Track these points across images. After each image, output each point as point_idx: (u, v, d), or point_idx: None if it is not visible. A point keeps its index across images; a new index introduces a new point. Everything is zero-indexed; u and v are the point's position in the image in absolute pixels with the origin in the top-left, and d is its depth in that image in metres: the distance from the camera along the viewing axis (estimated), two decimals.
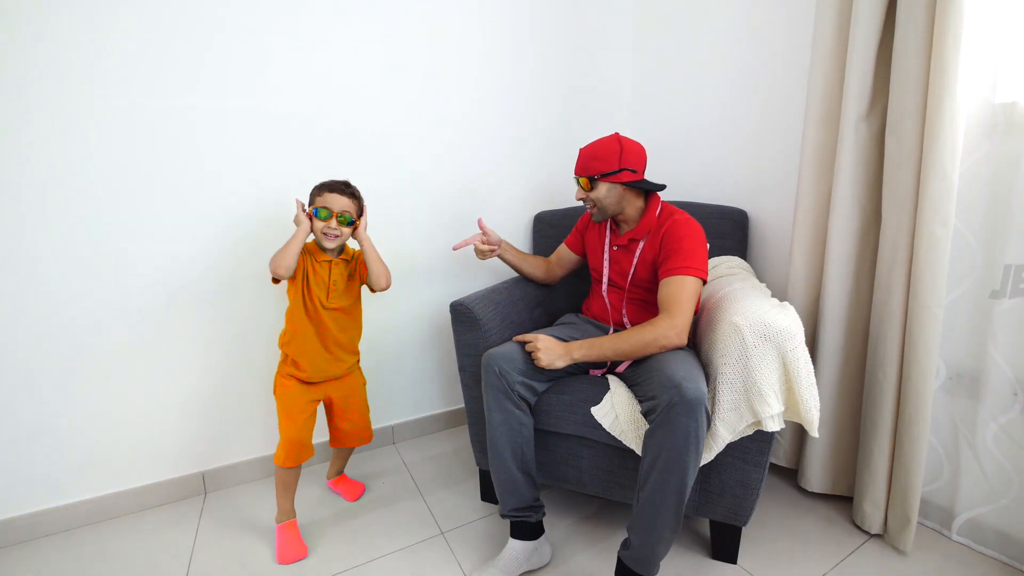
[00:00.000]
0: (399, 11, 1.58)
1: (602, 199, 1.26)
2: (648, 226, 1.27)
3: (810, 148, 1.32)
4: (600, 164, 1.24)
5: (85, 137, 1.26)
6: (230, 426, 1.55)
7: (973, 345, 1.19)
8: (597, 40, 1.98)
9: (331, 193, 1.27)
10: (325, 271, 1.30)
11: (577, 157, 1.32)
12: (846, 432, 1.36)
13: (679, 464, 0.99)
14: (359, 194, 1.33)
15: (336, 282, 1.31)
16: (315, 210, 1.26)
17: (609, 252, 1.35)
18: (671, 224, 1.23)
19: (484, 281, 1.88)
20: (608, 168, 1.23)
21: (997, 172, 1.13)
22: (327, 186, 1.28)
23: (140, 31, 1.28)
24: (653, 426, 1.02)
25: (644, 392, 1.10)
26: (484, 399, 1.19)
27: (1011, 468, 1.16)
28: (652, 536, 1.03)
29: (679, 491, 1.00)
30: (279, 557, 1.25)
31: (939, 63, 1.05)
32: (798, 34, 1.45)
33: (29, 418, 1.30)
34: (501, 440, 1.16)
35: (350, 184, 1.32)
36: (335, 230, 1.27)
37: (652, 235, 1.26)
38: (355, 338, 1.41)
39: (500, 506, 1.21)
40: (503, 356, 1.17)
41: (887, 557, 1.23)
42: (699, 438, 0.99)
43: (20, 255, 1.24)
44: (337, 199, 1.27)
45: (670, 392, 0.99)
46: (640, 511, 1.04)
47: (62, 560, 1.26)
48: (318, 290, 1.29)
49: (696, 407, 0.97)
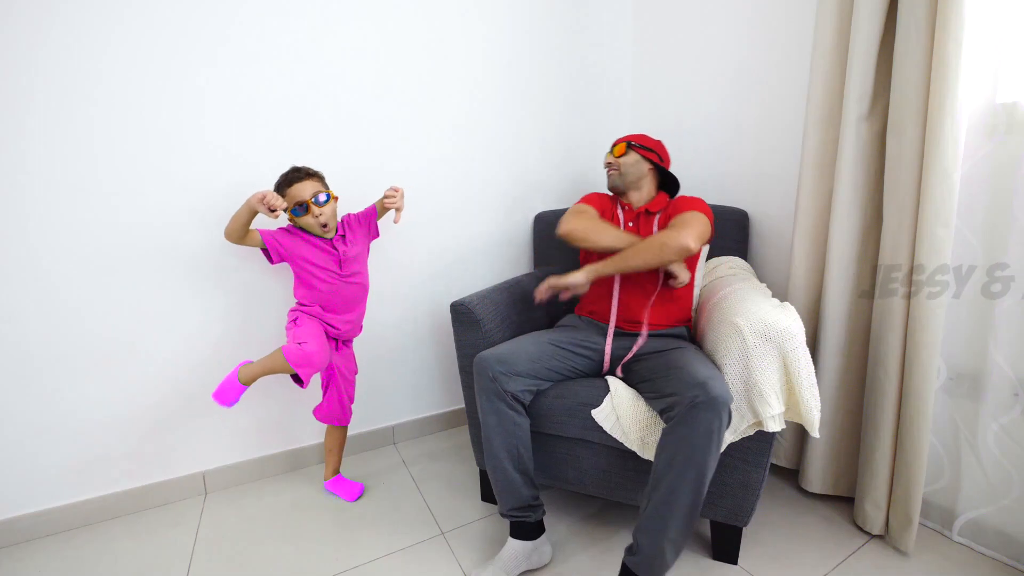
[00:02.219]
0: (398, 9, 1.58)
1: (630, 166, 1.39)
2: (662, 204, 1.40)
3: (811, 148, 1.32)
4: (640, 140, 1.40)
5: (88, 136, 1.26)
6: (230, 426, 1.55)
7: (974, 345, 1.19)
8: (597, 41, 1.98)
9: (292, 186, 1.28)
10: (330, 248, 1.35)
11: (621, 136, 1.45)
12: (847, 432, 1.36)
13: (699, 463, 0.96)
14: (315, 170, 1.34)
15: (346, 251, 1.37)
16: (292, 210, 1.28)
17: (624, 228, 1.40)
18: (681, 199, 1.38)
19: (484, 281, 1.88)
20: (647, 145, 1.40)
21: (998, 172, 1.13)
22: (284, 182, 1.30)
23: (146, 22, 1.28)
24: (672, 424, 0.99)
25: (661, 389, 1.08)
26: (477, 401, 1.18)
27: (1012, 468, 1.16)
28: (663, 538, 0.99)
29: (696, 491, 0.98)
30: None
31: (940, 63, 1.04)
32: (799, 33, 1.45)
33: (30, 418, 1.30)
34: (496, 441, 1.16)
35: (301, 167, 1.33)
36: (322, 215, 1.30)
37: (664, 212, 1.38)
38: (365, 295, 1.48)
39: (499, 506, 1.21)
40: (496, 357, 1.16)
41: (888, 558, 1.23)
42: (721, 439, 0.97)
43: (22, 254, 1.24)
44: (303, 187, 1.28)
45: (694, 390, 0.97)
46: (652, 512, 1.00)
47: (63, 560, 1.26)
48: (328, 269, 1.35)
49: (722, 406, 0.96)
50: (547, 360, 1.22)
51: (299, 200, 1.28)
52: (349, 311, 1.43)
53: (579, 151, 2.01)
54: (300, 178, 1.30)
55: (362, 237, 1.45)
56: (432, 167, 1.72)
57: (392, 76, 1.60)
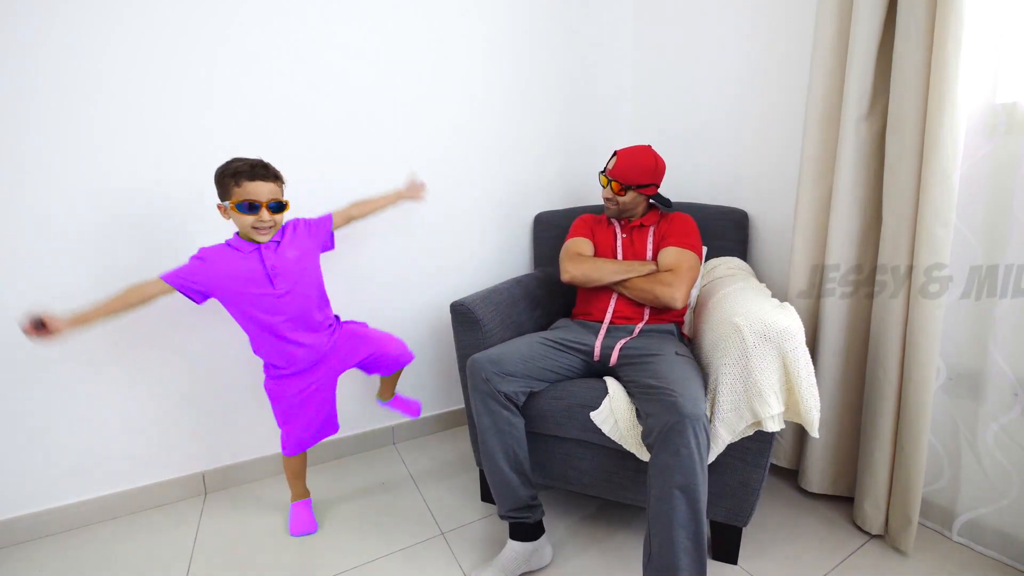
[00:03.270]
0: (398, 9, 1.58)
1: (628, 203, 1.43)
2: (654, 219, 1.47)
3: (810, 148, 1.32)
4: (638, 176, 1.39)
5: (90, 135, 1.26)
6: (230, 426, 1.55)
7: (973, 345, 1.19)
8: (597, 41, 1.98)
9: (253, 182, 1.09)
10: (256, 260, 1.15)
11: (614, 160, 1.43)
12: (846, 433, 1.36)
13: (686, 485, 0.95)
14: (279, 172, 1.17)
15: (275, 265, 1.16)
16: (238, 204, 1.08)
17: (621, 240, 1.47)
18: (672, 216, 1.46)
19: (484, 281, 1.88)
20: (643, 181, 1.40)
21: (998, 172, 1.13)
22: (245, 173, 1.09)
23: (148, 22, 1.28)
24: (653, 454, 1.00)
25: (640, 405, 1.09)
26: (472, 403, 1.19)
27: (1012, 468, 1.16)
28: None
29: (695, 518, 0.96)
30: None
31: (940, 63, 1.04)
32: (799, 33, 1.45)
33: (30, 419, 1.30)
34: (492, 443, 1.16)
35: (268, 164, 1.14)
36: (268, 222, 1.11)
37: (657, 225, 1.45)
38: (324, 306, 1.30)
39: (497, 507, 1.21)
40: (488, 359, 1.17)
41: (888, 558, 1.23)
42: (703, 455, 0.97)
43: (23, 254, 1.24)
44: (261, 187, 1.10)
45: (666, 414, 0.98)
46: (657, 550, 0.98)
47: (63, 560, 1.27)
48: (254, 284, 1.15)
49: (694, 423, 0.96)
50: (539, 359, 1.22)
51: (253, 199, 1.10)
52: (306, 327, 1.24)
53: (579, 152, 2.01)
54: (266, 177, 1.12)
55: (309, 247, 1.26)
56: (432, 167, 1.72)
57: (392, 76, 1.60)
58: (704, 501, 0.97)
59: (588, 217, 1.56)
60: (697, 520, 0.97)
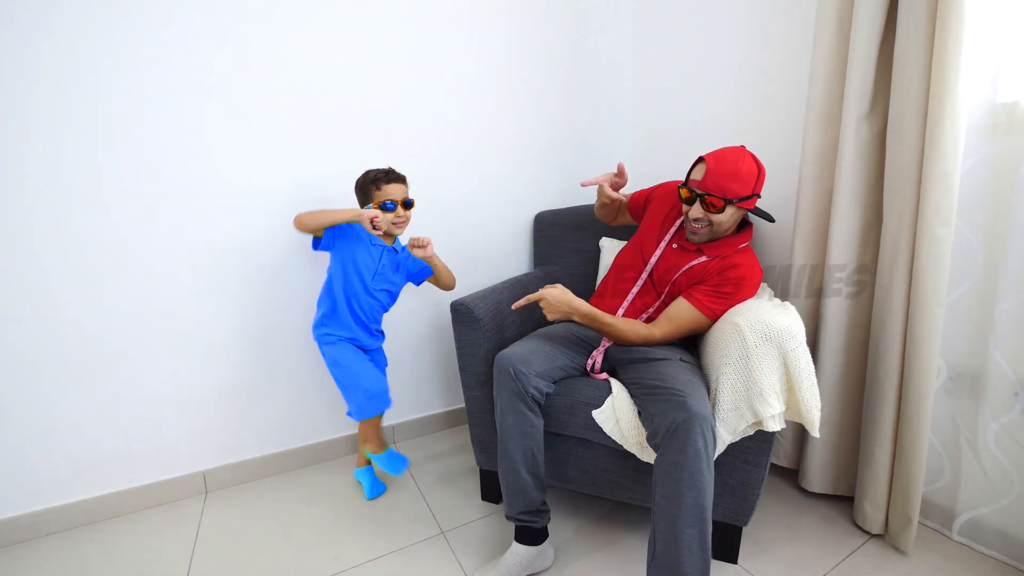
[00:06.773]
0: (398, 8, 1.58)
1: (723, 222, 1.15)
2: (724, 251, 1.20)
3: (811, 148, 1.32)
4: (740, 187, 1.11)
5: (93, 134, 1.26)
6: (231, 426, 1.55)
7: (974, 345, 1.19)
8: (597, 40, 1.98)
9: (389, 184, 1.36)
10: (377, 254, 1.38)
11: (703, 167, 1.14)
12: (847, 432, 1.36)
13: (693, 485, 0.95)
14: (405, 176, 1.41)
15: (385, 266, 1.40)
16: (383, 204, 1.33)
17: (666, 247, 1.28)
18: (739, 260, 1.18)
19: (484, 281, 1.87)
20: (746, 192, 1.11)
21: (999, 171, 1.13)
22: (383, 178, 1.35)
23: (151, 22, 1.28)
24: (660, 453, 0.99)
25: (644, 406, 1.08)
26: (497, 401, 1.17)
27: (1012, 468, 1.16)
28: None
29: (700, 517, 0.95)
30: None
31: (940, 63, 1.04)
32: (799, 33, 1.45)
33: (31, 418, 1.30)
34: (513, 443, 1.15)
35: (393, 170, 1.39)
36: (403, 217, 1.37)
37: (721, 259, 1.20)
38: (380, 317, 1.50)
39: (506, 508, 1.20)
40: (519, 358, 1.15)
41: (888, 557, 1.23)
42: (709, 456, 0.97)
43: (24, 255, 1.24)
44: (396, 188, 1.36)
45: (673, 413, 0.97)
46: (661, 557, 0.97)
47: (63, 560, 1.26)
48: (365, 270, 1.37)
49: (702, 423, 0.95)
50: (559, 359, 1.22)
51: (390, 199, 1.35)
52: (369, 319, 1.43)
53: (579, 150, 2.01)
54: (398, 179, 1.38)
55: (403, 273, 1.48)
56: (432, 166, 1.72)
57: (390, 75, 1.60)
58: (710, 500, 0.97)
59: (673, 192, 1.31)
60: (703, 519, 0.96)
